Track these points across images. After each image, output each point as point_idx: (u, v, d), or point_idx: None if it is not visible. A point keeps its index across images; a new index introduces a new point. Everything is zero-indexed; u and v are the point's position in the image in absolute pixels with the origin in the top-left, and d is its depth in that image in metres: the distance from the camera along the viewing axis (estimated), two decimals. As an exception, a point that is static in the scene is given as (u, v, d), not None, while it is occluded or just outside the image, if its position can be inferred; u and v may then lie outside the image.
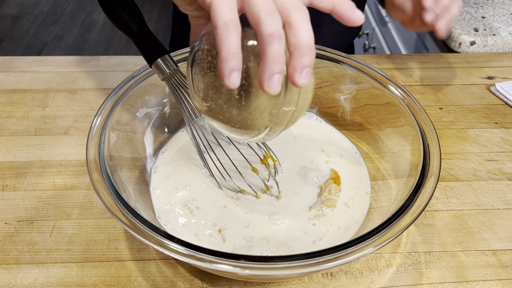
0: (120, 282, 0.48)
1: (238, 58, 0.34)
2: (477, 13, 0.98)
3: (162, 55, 0.51)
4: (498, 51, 0.91)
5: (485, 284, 0.49)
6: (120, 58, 0.82)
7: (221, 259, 0.37)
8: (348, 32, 0.93)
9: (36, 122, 0.68)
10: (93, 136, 0.48)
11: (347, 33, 0.93)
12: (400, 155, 0.54)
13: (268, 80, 0.33)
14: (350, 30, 0.93)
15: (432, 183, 0.44)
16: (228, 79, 0.33)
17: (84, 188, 0.58)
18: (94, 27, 2.65)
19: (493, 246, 0.53)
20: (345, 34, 0.93)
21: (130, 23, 0.51)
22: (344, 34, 0.93)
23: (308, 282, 0.49)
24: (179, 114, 0.61)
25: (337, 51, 0.61)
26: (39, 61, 0.81)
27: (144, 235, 0.39)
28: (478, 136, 0.69)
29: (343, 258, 0.38)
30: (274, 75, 0.33)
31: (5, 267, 0.49)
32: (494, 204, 0.58)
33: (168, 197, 0.53)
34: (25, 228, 0.53)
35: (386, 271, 0.50)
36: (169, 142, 0.60)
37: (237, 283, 0.48)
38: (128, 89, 0.54)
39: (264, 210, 0.51)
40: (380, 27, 1.57)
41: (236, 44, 0.34)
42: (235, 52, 0.33)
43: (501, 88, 0.77)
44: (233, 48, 0.33)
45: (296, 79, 0.34)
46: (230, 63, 0.33)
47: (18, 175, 0.60)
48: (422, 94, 0.77)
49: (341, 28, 0.90)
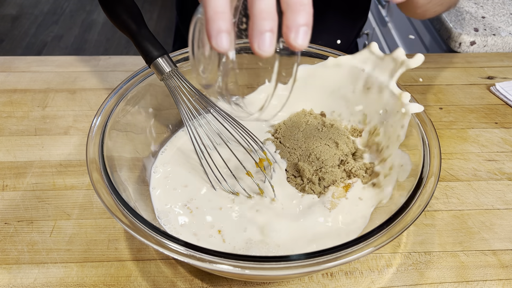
0: (120, 282, 0.48)
1: (226, 18, 0.30)
2: (477, 13, 0.98)
3: (161, 55, 0.51)
4: (498, 51, 0.91)
5: (485, 284, 0.49)
6: (120, 58, 0.82)
7: (221, 259, 0.37)
8: (350, 29, 0.93)
9: (36, 122, 0.68)
10: (93, 136, 0.48)
11: (348, 31, 0.93)
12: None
13: (258, 39, 0.30)
14: (352, 27, 0.93)
15: (432, 183, 0.44)
16: (216, 41, 0.30)
17: (84, 188, 0.58)
18: (94, 27, 2.65)
19: (493, 246, 0.53)
20: (346, 32, 0.93)
21: (129, 23, 0.51)
22: (346, 31, 0.92)
23: (308, 282, 0.49)
24: (178, 114, 0.61)
25: (331, 49, 0.61)
26: (39, 61, 0.81)
27: (144, 235, 0.39)
28: (478, 136, 0.69)
29: (343, 258, 0.37)
30: (264, 33, 0.30)
31: (5, 267, 0.49)
32: (494, 204, 0.58)
33: (168, 197, 0.53)
34: (25, 228, 0.53)
35: (386, 271, 0.50)
36: (169, 142, 0.60)
37: (237, 283, 0.48)
38: (128, 89, 0.54)
39: (264, 211, 0.51)
40: (380, 27, 1.57)
41: (223, 2, 0.30)
42: (222, 12, 0.30)
43: (501, 88, 0.77)
44: (220, 7, 0.30)
45: (291, 39, 0.31)
46: (216, 23, 0.30)
47: (18, 175, 0.60)
48: (422, 94, 0.77)
49: (342, 25, 0.90)
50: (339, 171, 0.55)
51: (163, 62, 0.51)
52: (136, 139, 0.56)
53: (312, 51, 0.62)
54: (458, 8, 0.99)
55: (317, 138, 0.58)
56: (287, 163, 0.57)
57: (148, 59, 0.51)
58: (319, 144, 0.57)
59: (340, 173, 0.55)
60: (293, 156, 0.57)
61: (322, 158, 0.55)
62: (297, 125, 0.60)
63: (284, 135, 0.60)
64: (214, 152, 0.56)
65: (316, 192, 0.54)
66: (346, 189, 0.54)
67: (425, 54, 0.65)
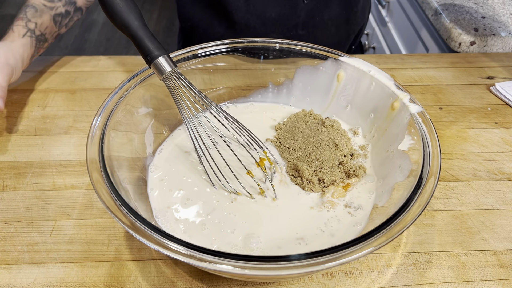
0: (120, 282, 0.48)
1: None
2: (477, 13, 0.98)
3: (161, 55, 0.51)
4: (498, 51, 0.91)
5: (485, 284, 0.49)
6: (120, 58, 0.82)
7: (221, 259, 0.37)
8: (346, 40, 0.93)
9: (36, 122, 0.68)
10: (93, 136, 0.48)
11: (345, 42, 0.93)
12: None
13: None
14: (347, 38, 0.93)
15: (432, 183, 0.44)
16: None
17: (84, 188, 0.58)
18: (94, 27, 2.65)
19: (493, 246, 0.53)
20: (343, 43, 0.93)
21: (129, 23, 0.51)
22: (341, 43, 0.93)
23: (308, 282, 0.49)
24: (178, 114, 0.61)
25: (331, 49, 0.61)
26: (39, 61, 0.81)
27: (144, 235, 0.39)
28: (478, 136, 0.69)
29: (343, 258, 0.37)
30: None
31: (5, 267, 0.49)
32: (494, 204, 0.58)
33: (165, 196, 0.53)
34: (25, 228, 0.53)
35: (386, 271, 0.50)
36: (166, 140, 0.60)
37: (237, 283, 0.48)
38: (128, 89, 0.54)
39: (263, 210, 0.51)
40: (380, 27, 1.57)
41: None
42: None
43: (501, 88, 0.77)
44: None
45: None
46: None
47: (18, 175, 0.60)
48: (422, 94, 0.77)
49: (337, 38, 0.90)
50: (338, 171, 0.55)
51: (163, 62, 0.51)
52: (135, 139, 0.56)
53: (312, 51, 0.62)
54: (458, 8, 0.99)
55: (316, 138, 0.58)
56: (287, 163, 0.57)
57: (148, 59, 0.51)
58: (318, 144, 0.57)
59: (339, 173, 0.55)
60: (293, 157, 0.57)
61: (322, 158, 0.55)
62: (297, 126, 0.60)
63: (284, 135, 0.60)
64: (214, 152, 0.56)
65: (316, 192, 0.54)
66: (345, 188, 0.54)
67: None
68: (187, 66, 0.61)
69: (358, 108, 0.62)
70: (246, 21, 0.84)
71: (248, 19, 0.84)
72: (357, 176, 0.55)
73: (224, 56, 0.62)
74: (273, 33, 0.86)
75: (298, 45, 0.62)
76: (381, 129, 0.58)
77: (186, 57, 0.60)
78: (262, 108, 0.67)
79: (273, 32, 0.86)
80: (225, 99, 0.66)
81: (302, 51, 0.62)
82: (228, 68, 0.64)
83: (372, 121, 0.60)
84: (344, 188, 0.54)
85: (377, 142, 0.59)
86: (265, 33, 0.86)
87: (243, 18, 0.84)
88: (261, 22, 0.85)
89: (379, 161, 0.57)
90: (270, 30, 0.86)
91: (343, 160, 0.56)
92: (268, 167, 0.56)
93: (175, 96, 0.53)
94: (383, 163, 0.56)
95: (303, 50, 0.62)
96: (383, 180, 0.54)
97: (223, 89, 0.66)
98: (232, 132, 0.59)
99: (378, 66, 0.60)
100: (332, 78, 0.62)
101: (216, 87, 0.65)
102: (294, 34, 0.86)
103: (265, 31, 0.85)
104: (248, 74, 0.66)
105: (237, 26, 0.86)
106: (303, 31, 0.86)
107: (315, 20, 0.85)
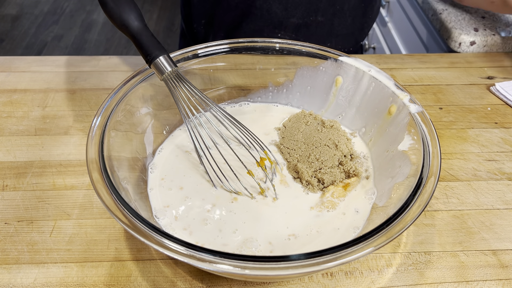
0: (120, 282, 0.48)
1: None
2: (477, 13, 0.98)
3: (161, 55, 0.51)
4: (498, 51, 0.91)
5: (485, 284, 0.49)
6: (120, 58, 0.82)
7: (221, 259, 0.37)
8: (359, 33, 0.95)
9: (36, 122, 0.68)
10: (93, 136, 0.48)
11: (358, 34, 0.95)
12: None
13: None
14: (361, 31, 0.94)
15: (432, 183, 0.44)
16: None
17: (84, 188, 0.58)
18: (94, 27, 2.65)
19: (493, 246, 0.53)
20: (356, 35, 0.95)
21: (129, 23, 0.51)
22: (354, 35, 0.94)
23: (308, 282, 0.49)
24: (178, 114, 0.61)
25: (331, 49, 0.62)
26: (39, 61, 0.81)
27: (144, 235, 0.39)
28: (478, 136, 0.69)
29: (343, 258, 0.38)
30: None
31: (5, 267, 0.49)
32: (494, 204, 0.58)
33: (165, 196, 0.53)
34: (25, 228, 0.53)
35: (386, 271, 0.50)
36: (166, 140, 0.60)
37: (237, 283, 0.48)
38: (128, 89, 0.54)
39: (262, 210, 0.51)
40: (380, 27, 1.57)
41: None
42: None
43: (501, 88, 0.77)
44: None
45: None
46: None
47: (18, 175, 0.60)
48: (422, 94, 0.77)
49: (351, 29, 0.91)
50: (338, 171, 0.55)
51: (164, 61, 0.51)
52: (135, 139, 0.56)
53: (312, 51, 0.62)
54: (458, 8, 0.99)
55: (316, 139, 0.58)
56: (287, 163, 0.57)
57: (149, 59, 0.51)
58: (318, 144, 0.57)
59: (339, 173, 0.55)
60: (292, 157, 0.57)
61: (322, 158, 0.55)
62: (297, 126, 0.61)
63: (284, 136, 0.60)
64: (215, 151, 0.56)
65: (315, 192, 0.54)
66: (345, 188, 0.54)
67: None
68: (187, 66, 0.61)
69: (358, 108, 0.62)
70: (268, 7, 0.85)
71: (270, 5, 0.84)
72: (357, 176, 0.55)
73: (224, 56, 0.62)
74: (293, 18, 0.85)
75: (298, 45, 0.62)
76: (381, 129, 0.58)
77: (186, 57, 0.60)
78: (262, 109, 0.67)
79: (293, 17, 0.85)
80: (225, 99, 0.66)
81: (302, 51, 0.62)
82: (228, 68, 0.64)
83: (372, 121, 0.60)
84: (344, 188, 0.54)
85: (377, 142, 0.59)
86: (286, 18, 0.85)
87: (265, 3, 0.84)
88: (283, 7, 0.85)
89: (379, 161, 0.57)
90: (291, 15, 0.85)
91: (343, 160, 0.56)
92: (268, 166, 0.56)
93: (175, 96, 0.53)
94: (383, 163, 0.56)
95: (303, 50, 0.62)
96: (383, 180, 0.54)
97: (223, 89, 0.66)
98: (232, 132, 0.59)
99: (378, 66, 0.60)
100: (332, 78, 0.62)
101: (216, 87, 0.65)
102: (313, 19, 0.86)
103: (286, 15, 0.85)
104: (248, 74, 0.66)
105: (258, 12, 0.85)
106: (322, 17, 0.86)
107: (335, 8, 0.86)
